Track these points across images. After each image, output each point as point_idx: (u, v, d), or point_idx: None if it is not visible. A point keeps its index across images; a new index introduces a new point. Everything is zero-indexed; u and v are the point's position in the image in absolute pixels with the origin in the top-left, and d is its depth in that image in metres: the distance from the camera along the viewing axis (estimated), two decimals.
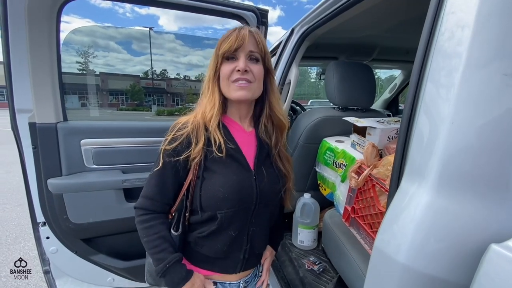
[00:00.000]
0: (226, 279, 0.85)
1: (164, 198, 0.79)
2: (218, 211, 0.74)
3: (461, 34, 0.44)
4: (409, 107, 0.53)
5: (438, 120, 0.44)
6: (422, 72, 0.52)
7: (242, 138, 0.81)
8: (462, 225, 0.39)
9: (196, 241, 0.81)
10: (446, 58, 0.46)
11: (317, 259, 1.49)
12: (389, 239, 0.45)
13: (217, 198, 0.73)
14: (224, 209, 0.74)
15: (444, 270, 0.38)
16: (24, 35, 1.00)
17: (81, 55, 3.34)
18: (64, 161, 1.15)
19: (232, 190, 0.73)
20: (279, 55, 1.55)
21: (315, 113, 1.47)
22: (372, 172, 0.99)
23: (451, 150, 0.42)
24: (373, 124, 1.10)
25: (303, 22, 1.44)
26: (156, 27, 78.41)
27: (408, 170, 0.49)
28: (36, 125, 1.08)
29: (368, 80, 1.46)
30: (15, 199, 3.79)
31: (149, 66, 7.01)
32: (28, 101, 1.07)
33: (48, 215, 1.18)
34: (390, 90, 2.93)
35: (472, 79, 0.41)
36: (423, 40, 0.52)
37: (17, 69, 1.03)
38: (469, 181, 0.40)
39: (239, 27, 0.76)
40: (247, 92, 0.75)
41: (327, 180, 1.41)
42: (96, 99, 4.42)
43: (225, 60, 0.75)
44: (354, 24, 1.44)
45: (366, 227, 1.06)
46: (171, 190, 0.79)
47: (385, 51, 2.08)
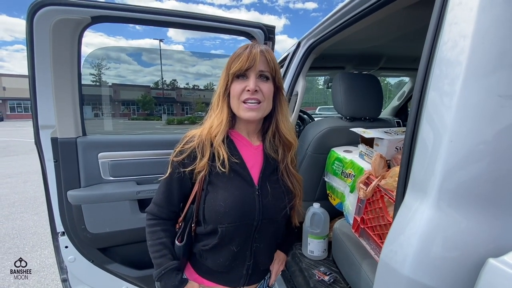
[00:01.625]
0: None
1: (170, 206, 0.83)
2: (219, 225, 0.76)
3: (462, 44, 0.46)
4: (413, 117, 0.55)
5: (440, 131, 0.46)
6: (425, 80, 0.54)
7: (248, 153, 0.82)
8: (462, 239, 0.40)
9: (201, 253, 0.83)
10: (448, 67, 0.48)
11: (327, 270, 1.48)
12: (394, 252, 0.47)
13: (218, 212, 0.74)
14: (225, 224, 0.75)
15: (446, 283, 0.39)
16: (48, 55, 1.07)
17: (94, 67, 3.47)
18: (82, 174, 1.22)
19: (233, 205, 0.74)
20: (286, 67, 1.59)
21: (322, 124, 1.50)
22: (380, 183, 1.00)
23: (451, 165, 0.43)
24: (380, 135, 1.11)
25: (309, 35, 1.48)
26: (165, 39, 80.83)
27: (411, 184, 0.51)
28: (58, 140, 1.15)
29: (375, 90, 1.48)
30: (32, 208, 3.93)
31: (158, 77, 7.21)
32: (51, 118, 1.14)
33: (67, 225, 1.24)
34: (398, 97, 2.92)
35: (472, 89, 0.43)
36: (426, 50, 0.55)
37: (41, 88, 1.11)
38: (468, 196, 0.42)
39: (250, 45, 0.76)
40: (257, 113, 0.76)
41: (336, 190, 1.42)
42: (109, 109, 4.56)
43: (236, 79, 0.76)
44: (360, 37, 1.47)
45: (376, 237, 1.06)
46: (177, 199, 0.82)
47: (392, 60, 2.10)
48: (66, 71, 1.11)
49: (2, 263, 2.62)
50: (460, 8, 0.48)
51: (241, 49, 0.77)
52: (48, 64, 1.08)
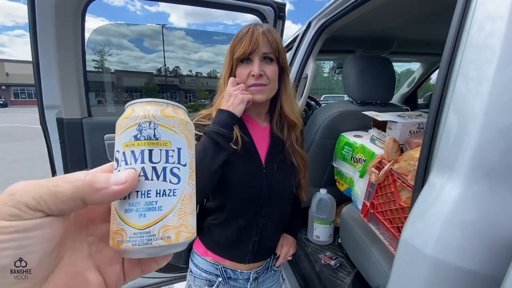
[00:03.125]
0: (237, 267, 0.88)
1: None
2: (227, 200, 0.79)
3: (493, 27, 0.42)
4: (437, 100, 0.52)
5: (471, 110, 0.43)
6: (451, 65, 0.50)
7: (257, 133, 0.83)
8: (495, 217, 0.38)
9: (210, 227, 0.86)
10: (477, 51, 0.45)
11: (333, 254, 1.48)
12: (418, 232, 0.45)
13: (227, 188, 0.77)
14: (233, 199, 0.78)
15: (477, 262, 0.38)
16: (51, 34, 1.04)
17: (97, 54, 3.43)
18: (89, 155, 1.20)
19: (241, 181, 0.77)
20: (296, 49, 1.53)
21: (332, 108, 1.46)
22: (394, 167, 0.97)
23: (483, 142, 0.41)
24: (394, 118, 1.08)
25: (320, 15, 1.42)
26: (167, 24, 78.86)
27: (437, 163, 0.48)
28: (63, 120, 1.13)
29: (388, 73, 1.43)
30: None
31: (161, 63, 7.08)
32: (55, 98, 1.12)
33: None
34: (408, 84, 2.84)
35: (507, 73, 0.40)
36: (452, 32, 0.51)
37: (45, 68, 1.08)
38: (501, 173, 0.39)
39: (252, 26, 0.76)
40: (262, 95, 0.77)
41: (344, 176, 1.40)
42: (112, 96, 4.54)
43: (240, 63, 0.77)
44: (374, 16, 1.41)
45: (386, 222, 1.05)
46: None
47: (405, 44, 2.02)
48: (70, 50, 1.08)
49: None
50: None
51: (243, 31, 0.76)
52: (51, 42, 1.04)
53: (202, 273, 0.87)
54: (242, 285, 0.90)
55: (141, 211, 0.21)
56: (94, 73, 3.81)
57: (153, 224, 0.21)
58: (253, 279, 0.90)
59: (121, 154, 0.22)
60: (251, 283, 0.90)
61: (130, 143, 0.21)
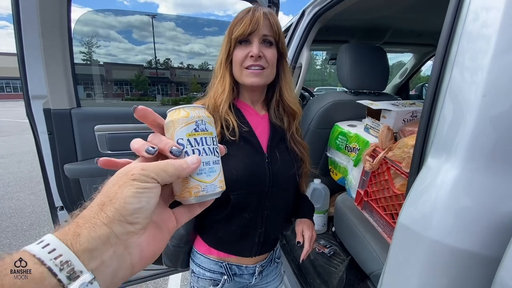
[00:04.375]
0: (242, 262, 0.86)
1: None
2: (231, 193, 0.75)
3: (488, 16, 0.42)
4: (433, 84, 0.52)
5: (467, 98, 0.43)
6: (446, 52, 0.50)
7: (255, 122, 0.81)
8: (493, 198, 0.39)
9: (212, 224, 0.83)
10: (473, 41, 0.44)
11: (327, 243, 1.51)
12: (415, 215, 0.45)
13: (230, 180, 0.72)
14: (237, 191, 0.75)
15: (476, 243, 0.38)
16: (36, 21, 0.99)
17: (84, 45, 3.29)
18: (79, 147, 1.17)
19: (244, 172, 0.74)
20: (290, 38, 1.51)
21: (326, 98, 1.45)
22: (388, 155, 0.98)
23: (481, 124, 0.41)
24: (388, 106, 1.08)
25: (314, 3, 1.40)
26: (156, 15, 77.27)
27: (434, 147, 0.48)
28: (51, 111, 1.09)
29: (381, 62, 1.43)
30: (28, 187, 3.89)
31: (151, 55, 6.92)
32: (42, 88, 1.07)
33: (65, 199, 1.21)
34: (400, 75, 2.86)
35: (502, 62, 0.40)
36: (448, 22, 0.51)
37: (31, 56, 1.03)
38: (500, 154, 0.40)
39: (253, 8, 0.73)
40: (260, 79, 0.75)
41: (338, 165, 1.41)
42: (101, 89, 4.41)
43: (238, 44, 0.74)
44: (368, 4, 1.40)
45: (380, 210, 1.06)
46: None
47: (398, 34, 2.02)
48: (56, 37, 1.03)
49: (1, 241, 2.62)
50: None
51: (243, 12, 0.73)
52: (36, 28, 1.00)
53: (206, 272, 0.84)
54: (247, 280, 0.88)
55: (207, 173, 0.34)
56: (82, 65, 3.70)
57: (214, 179, 0.35)
58: (258, 272, 0.88)
59: (186, 140, 0.34)
60: (256, 277, 0.88)
61: (192, 133, 0.34)
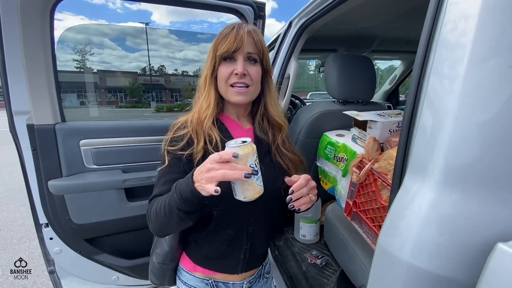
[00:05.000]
0: (228, 279, 0.84)
1: None
2: (214, 208, 0.74)
3: (465, 26, 0.42)
4: (411, 101, 0.52)
5: (442, 114, 0.43)
6: (424, 64, 0.51)
7: (240, 135, 0.80)
8: (468, 223, 0.38)
9: (197, 240, 0.81)
10: (450, 50, 0.45)
11: (319, 253, 1.49)
12: (393, 236, 0.45)
13: (212, 195, 0.70)
14: (219, 206, 0.74)
15: (450, 268, 0.38)
16: (17, 35, 0.98)
17: (77, 53, 3.28)
18: (64, 162, 1.15)
19: (226, 186, 0.70)
20: (278, 49, 1.52)
21: (315, 108, 1.46)
22: (374, 166, 0.98)
23: (455, 146, 0.41)
24: (374, 117, 1.09)
25: (301, 14, 1.42)
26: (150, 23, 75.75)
27: (410, 167, 0.48)
28: (34, 127, 1.08)
29: (368, 72, 1.44)
30: (19, 199, 3.82)
31: (145, 63, 6.94)
32: (25, 103, 1.06)
33: (50, 216, 1.19)
34: (390, 81, 2.90)
35: (477, 71, 0.40)
36: (426, 31, 0.51)
37: (13, 71, 1.02)
38: (474, 178, 0.40)
39: (237, 25, 0.74)
40: (245, 97, 0.75)
41: (328, 175, 1.41)
42: (95, 97, 4.39)
43: (223, 61, 0.74)
44: (354, 15, 1.42)
45: (368, 221, 1.06)
46: None
47: (385, 42, 2.05)
48: (39, 52, 1.02)
49: None
50: None
51: (227, 29, 0.73)
52: (19, 44, 0.99)
53: None
54: None
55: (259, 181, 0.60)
56: (75, 73, 3.68)
57: (262, 185, 0.61)
58: None
59: (254, 165, 0.59)
60: None
61: (256, 159, 0.59)
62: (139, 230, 1.30)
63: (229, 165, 0.57)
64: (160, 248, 0.86)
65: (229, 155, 0.57)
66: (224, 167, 0.56)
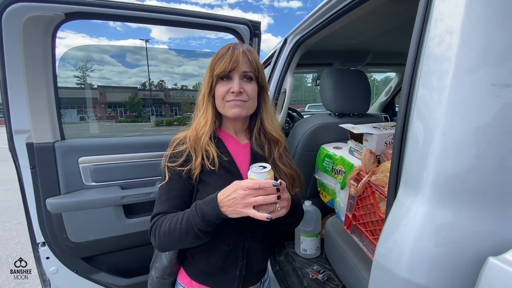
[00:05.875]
0: None
1: (176, 210, 0.76)
2: None
3: (449, 40, 0.45)
4: (402, 114, 0.54)
5: (431, 127, 0.45)
6: (413, 76, 0.53)
7: (236, 151, 0.83)
8: (459, 237, 0.39)
9: (194, 256, 0.82)
10: (436, 63, 0.47)
11: (321, 268, 1.47)
12: (388, 251, 0.45)
13: None
14: None
15: (444, 283, 0.38)
16: (19, 56, 1.00)
17: (79, 70, 3.34)
18: (62, 180, 1.15)
19: None
20: (274, 64, 1.56)
21: (312, 121, 1.48)
22: (371, 179, 0.99)
23: (445, 159, 0.42)
24: (369, 130, 1.10)
25: (295, 31, 1.46)
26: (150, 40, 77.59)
27: (403, 180, 0.49)
28: (33, 145, 1.09)
29: (363, 86, 1.47)
30: (15, 217, 3.76)
31: (144, 78, 7.09)
32: (25, 122, 1.07)
33: (47, 235, 1.17)
34: (385, 93, 2.95)
35: (461, 85, 0.42)
36: (413, 46, 0.54)
37: (14, 90, 1.04)
38: (464, 191, 0.40)
39: (232, 45, 0.77)
40: (242, 110, 0.77)
41: (327, 187, 1.41)
42: (95, 112, 4.43)
43: (220, 80, 0.77)
44: (347, 32, 1.46)
45: (368, 234, 1.05)
46: (183, 202, 0.77)
47: (379, 55, 2.11)
48: (40, 72, 1.05)
49: None
50: (445, 4, 0.47)
51: (223, 49, 0.77)
52: (20, 65, 1.01)
53: None
54: None
55: None
56: (76, 89, 3.72)
57: None
58: None
59: None
60: None
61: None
62: (137, 248, 1.29)
63: (263, 190, 0.63)
64: (160, 262, 0.86)
65: (268, 184, 0.64)
66: (260, 193, 0.64)
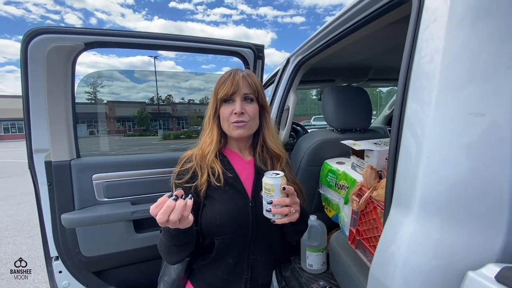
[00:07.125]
0: None
1: None
2: (216, 238, 0.79)
3: (435, 59, 0.50)
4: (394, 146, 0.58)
5: (419, 147, 0.49)
6: (405, 92, 0.58)
7: (241, 167, 0.88)
8: (444, 253, 0.42)
9: (200, 269, 0.85)
10: (424, 80, 0.52)
11: (327, 283, 1.46)
12: (383, 267, 0.48)
13: (214, 225, 0.78)
14: (221, 236, 0.79)
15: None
16: (42, 81, 1.09)
17: (90, 86, 3.50)
18: (77, 196, 1.21)
19: (228, 216, 0.78)
20: (277, 83, 1.63)
21: (315, 136, 1.52)
22: (372, 195, 1.01)
23: (429, 180, 0.45)
24: (370, 146, 1.14)
25: (298, 52, 1.53)
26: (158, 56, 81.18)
27: (395, 198, 0.52)
28: (52, 163, 1.16)
29: (364, 102, 1.52)
30: (26, 231, 3.83)
31: (152, 93, 7.32)
32: (45, 142, 1.15)
33: (61, 249, 1.22)
34: (389, 106, 2.98)
35: (446, 103, 0.47)
36: (404, 64, 0.60)
37: (35, 112, 1.12)
38: (448, 210, 0.44)
39: (233, 71, 0.84)
40: (244, 130, 0.83)
41: (331, 202, 1.43)
42: (104, 126, 4.58)
43: (223, 102, 0.84)
44: (348, 51, 1.53)
45: (372, 249, 1.07)
46: None
47: (380, 71, 2.16)
48: (60, 96, 1.13)
49: None
50: (432, 27, 0.52)
51: (225, 75, 0.85)
52: (42, 89, 1.10)
53: None
54: None
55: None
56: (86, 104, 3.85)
57: None
58: None
59: None
60: None
61: None
62: (146, 262, 1.32)
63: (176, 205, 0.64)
64: (168, 275, 0.90)
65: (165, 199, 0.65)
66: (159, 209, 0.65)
